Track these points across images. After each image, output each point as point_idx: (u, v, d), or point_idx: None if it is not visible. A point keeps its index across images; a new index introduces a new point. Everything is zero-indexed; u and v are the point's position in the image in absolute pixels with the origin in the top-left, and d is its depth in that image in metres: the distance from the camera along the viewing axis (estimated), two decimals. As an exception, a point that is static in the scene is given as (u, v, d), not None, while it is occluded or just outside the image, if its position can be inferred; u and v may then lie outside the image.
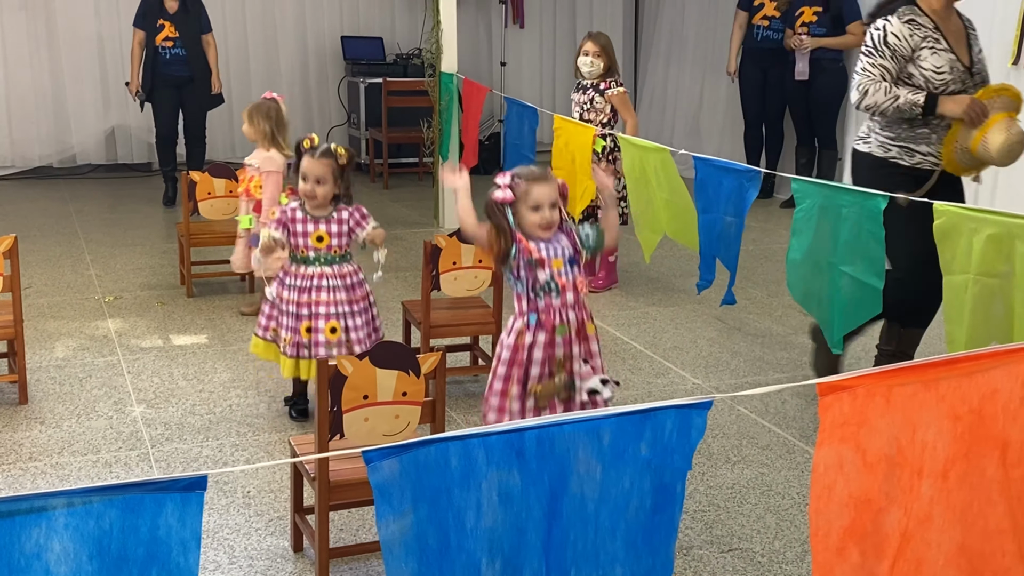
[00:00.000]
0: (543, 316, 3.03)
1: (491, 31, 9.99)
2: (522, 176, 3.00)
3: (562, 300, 3.03)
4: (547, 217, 2.98)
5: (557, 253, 3.04)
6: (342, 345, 3.86)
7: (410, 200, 8.25)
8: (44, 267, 6.07)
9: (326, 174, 3.81)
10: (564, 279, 3.03)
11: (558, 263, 3.03)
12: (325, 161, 3.82)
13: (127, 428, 3.95)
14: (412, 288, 5.81)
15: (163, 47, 7.49)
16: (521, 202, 2.99)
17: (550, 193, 3.00)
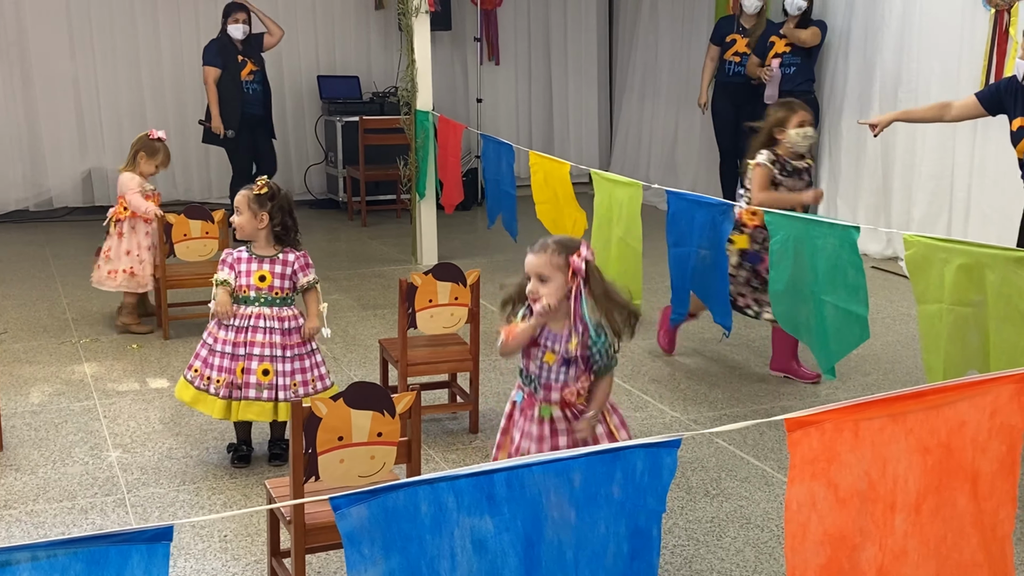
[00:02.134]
0: (527, 398, 3.00)
1: (467, 68, 10.05)
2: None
3: (544, 397, 2.95)
4: (531, 289, 2.89)
5: (555, 348, 2.91)
6: (273, 389, 3.85)
7: (388, 237, 8.25)
8: (20, 311, 6.03)
9: (241, 204, 3.91)
10: (551, 379, 2.92)
11: (550, 357, 2.91)
12: (243, 192, 3.94)
13: (103, 473, 3.92)
14: (390, 326, 5.80)
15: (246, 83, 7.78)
16: None
17: (535, 264, 2.89)
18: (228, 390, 3.86)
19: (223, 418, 3.91)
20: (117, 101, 8.96)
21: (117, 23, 8.88)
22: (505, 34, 10.07)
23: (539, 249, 2.92)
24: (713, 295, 4.06)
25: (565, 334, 2.92)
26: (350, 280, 6.87)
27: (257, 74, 7.81)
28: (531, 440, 2.96)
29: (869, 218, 7.33)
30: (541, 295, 2.89)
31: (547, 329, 2.94)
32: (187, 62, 9.08)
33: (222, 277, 3.92)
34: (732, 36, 7.97)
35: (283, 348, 3.88)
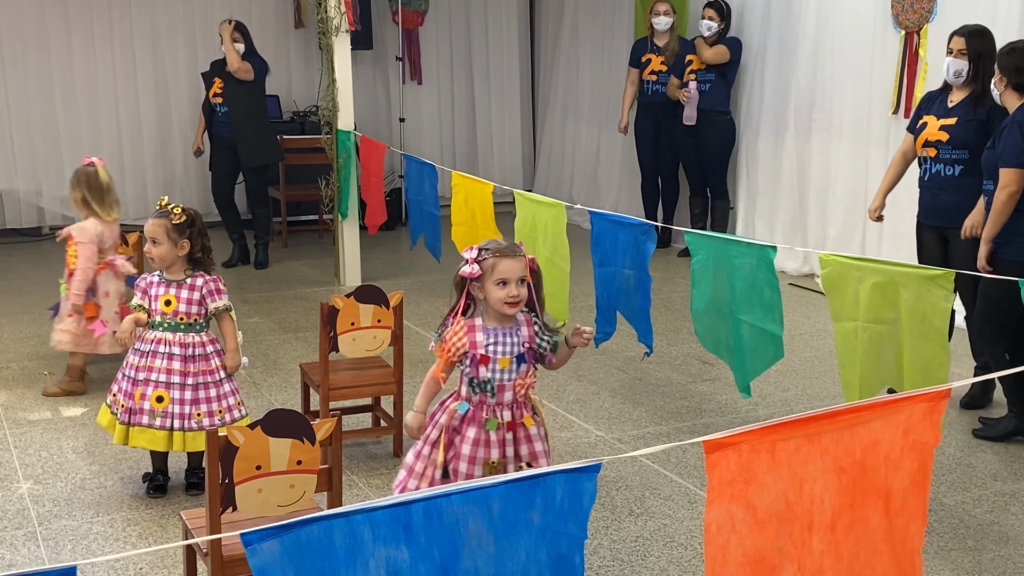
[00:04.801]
0: (474, 409, 2.98)
1: (389, 87, 10.01)
2: (490, 250, 2.94)
3: (498, 399, 2.97)
4: (514, 293, 2.90)
5: (506, 350, 2.96)
6: (168, 416, 3.77)
7: (310, 258, 8.16)
8: (-75, 339, 5.83)
9: (159, 234, 3.81)
10: (504, 379, 2.96)
11: (504, 362, 2.95)
12: (159, 221, 3.83)
13: (13, 506, 3.79)
14: (312, 349, 5.73)
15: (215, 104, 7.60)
16: (487, 276, 2.92)
17: (518, 268, 2.92)
18: (127, 415, 3.78)
19: (121, 443, 3.82)
20: (28, 121, 8.73)
21: (29, 43, 8.66)
22: (427, 54, 10.06)
23: (514, 252, 2.95)
24: (637, 314, 4.09)
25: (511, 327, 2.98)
26: (271, 303, 6.77)
27: (227, 95, 7.45)
28: (481, 446, 2.96)
29: (786, 236, 7.46)
30: (523, 297, 2.94)
31: (492, 333, 2.96)
32: (101, 81, 8.91)
33: (135, 303, 3.85)
34: (647, 56, 8.08)
35: (183, 375, 3.78)
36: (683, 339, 5.89)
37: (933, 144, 4.63)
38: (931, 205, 4.73)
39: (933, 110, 4.69)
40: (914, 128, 4.77)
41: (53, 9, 8.66)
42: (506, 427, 2.99)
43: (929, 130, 4.64)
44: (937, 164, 4.66)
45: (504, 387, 2.97)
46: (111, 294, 4.99)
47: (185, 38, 9.19)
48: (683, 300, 6.54)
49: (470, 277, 2.96)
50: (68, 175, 8.87)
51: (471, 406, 2.99)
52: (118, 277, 5.03)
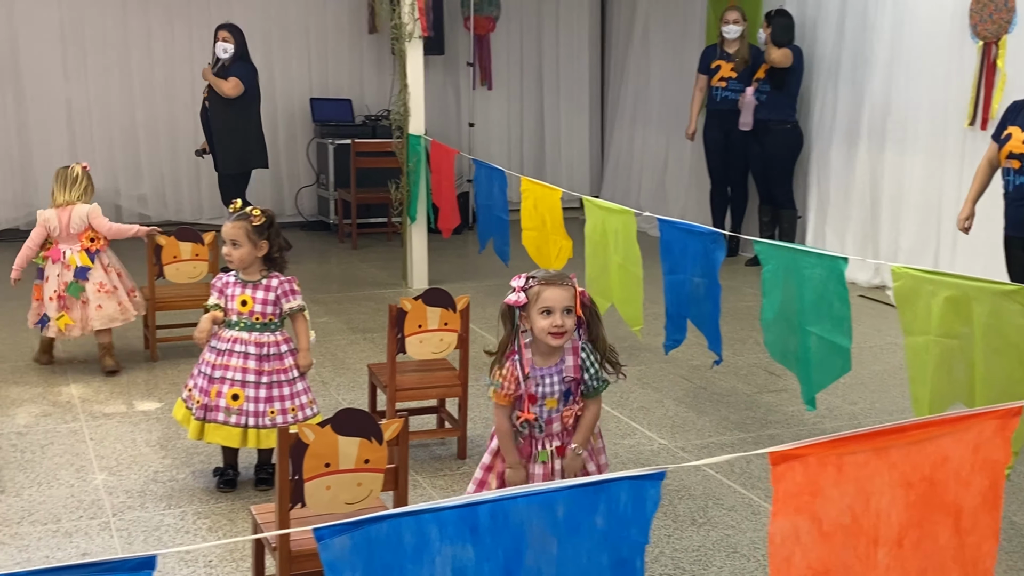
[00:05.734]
0: (522, 443, 3.00)
1: (459, 92, 10.10)
2: (536, 277, 2.93)
3: (547, 432, 2.98)
4: (558, 323, 2.88)
5: (553, 389, 2.96)
6: (243, 414, 3.85)
7: (378, 260, 8.26)
8: (9, 331, 6.01)
9: (240, 236, 3.87)
10: (553, 415, 2.97)
11: (552, 402, 2.96)
12: (239, 223, 3.88)
13: (88, 496, 3.90)
14: (379, 349, 5.80)
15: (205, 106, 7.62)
16: (532, 304, 2.91)
17: (564, 297, 2.89)
18: (202, 411, 3.87)
19: (196, 439, 3.91)
20: (109, 122, 8.98)
21: (110, 44, 8.90)
22: (498, 59, 10.13)
23: (562, 282, 2.93)
24: (706, 323, 4.08)
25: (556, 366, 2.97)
26: (340, 303, 6.87)
27: (211, 101, 7.53)
28: (536, 480, 3.00)
29: (857, 247, 7.37)
30: (568, 328, 2.91)
31: (536, 372, 2.96)
32: (179, 82, 9.12)
33: (212, 302, 3.94)
34: (717, 62, 8.04)
35: (257, 374, 3.86)
36: (749, 349, 5.85)
37: (1017, 156, 4.54)
38: (1016, 217, 4.65)
39: (1019, 121, 4.60)
40: (999, 137, 4.68)
41: (135, 12, 8.89)
42: (556, 453, 3.01)
43: (1013, 142, 4.55)
44: (1021, 177, 4.57)
45: (552, 420, 3.00)
46: (51, 279, 5.24)
47: (262, 42, 9.35)
48: (750, 309, 6.50)
49: (516, 305, 2.97)
50: (145, 174, 9.17)
51: (521, 439, 3.01)
52: (64, 266, 5.24)
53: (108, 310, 5.30)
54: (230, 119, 7.51)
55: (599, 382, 3.02)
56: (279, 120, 9.54)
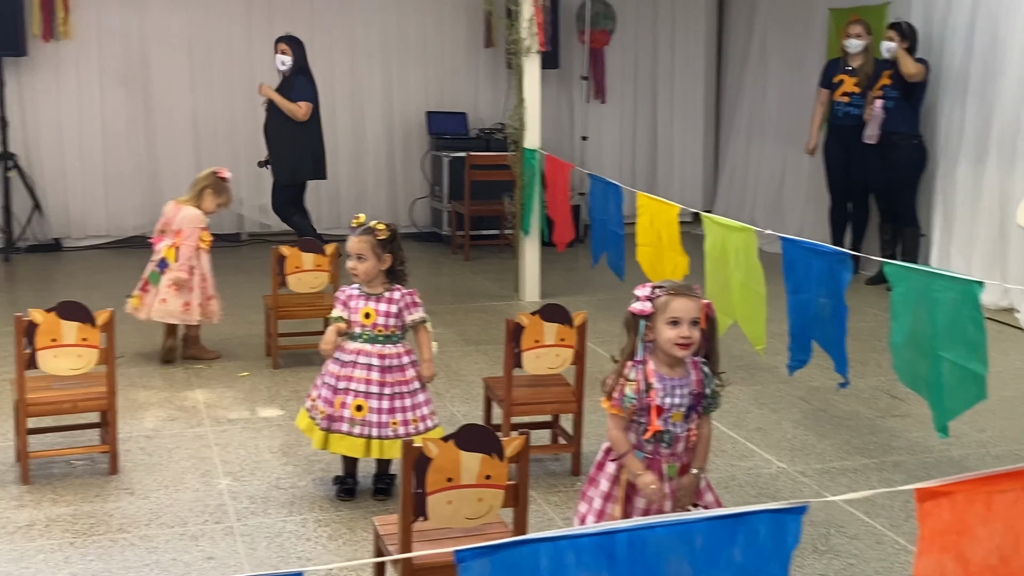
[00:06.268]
0: (649, 459, 2.96)
1: (572, 106, 10.11)
2: (664, 287, 2.92)
3: (672, 450, 2.96)
4: (685, 334, 2.86)
5: (681, 401, 2.93)
6: (367, 425, 3.89)
7: (491, 272, 8.31)
8: (136, 336, 6.22)
9: (365, 250, 3.92)
10: (679, 431, 2.95)
11: (678, 416, 2.93)
12: (365, 238, 3.94)
13: (213, 501, 4.01)
14: (493, 362, 5.83)
15: None
16: (659, 315, 2.90)
17: (692, 309, 2.88)
18: (327, 422, 3.93)
19: (320, 448, 3.98)
20: (233, 134, 9.24)
21: (235, 57, 9.17)
22: (612, 73, 10.12)
23: (691, 293, 2.92)
24: (832, 344, 3.99)
25: (683, 379, 2.94)
26: (453, 315, 6.93)
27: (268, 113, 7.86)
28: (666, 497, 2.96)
29: (985, 269, 7.11)
30: (694, 340, 2.89)
31: (664, 381, 2.93)
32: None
33: (336, 314, 4.00)
34: (840, 77, 7.87)
35: (380, 385, 3.91)
36: (871, 371, 5.70)
37: None
38: None
39: None
40: None
41: (259, 26, 9.15)
42: (678, 472, 2.98)
43: None
44: None
45: (679, 438, 2.96)
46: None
47: (381, 56, 9.55)
48: (871, 330, 6.33)
49: (641, 314, 2.95)
50: (267, 185, 9.40)
51: (646, 455, 2.98)
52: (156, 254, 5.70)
53: (170, 307, 5.61)
54: (285, 131, 7.76)
55: (717, 398, 3.00)
56: (395, 132, 9.71)
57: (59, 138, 8.88)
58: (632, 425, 2.98)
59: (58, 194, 8.91)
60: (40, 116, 8.81)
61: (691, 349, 2.92)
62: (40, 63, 8.72)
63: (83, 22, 8.76)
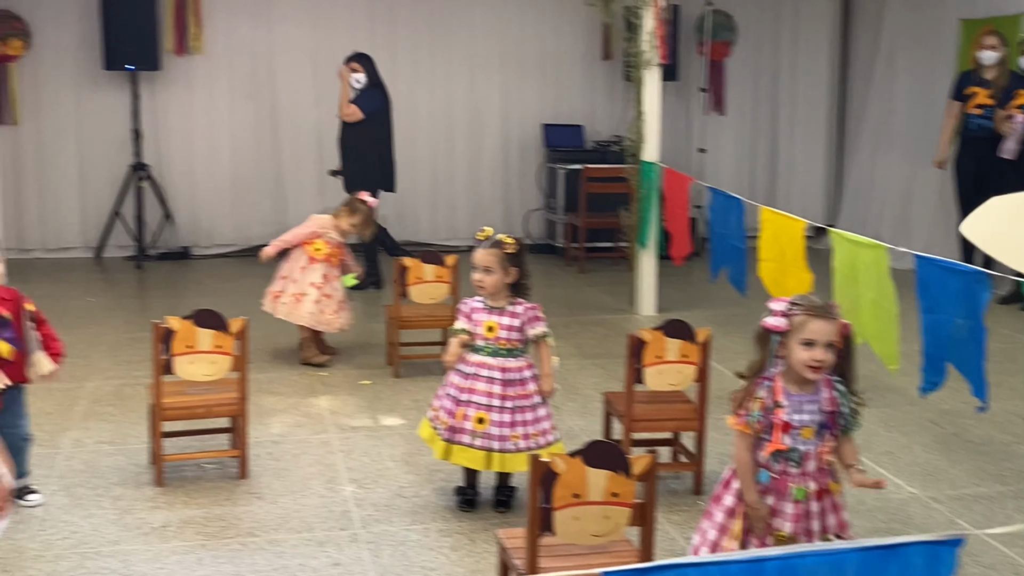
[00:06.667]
0: (776, 478, 2.90)
1: (690, 118, 10.03)
2: (802, 306, 2.86)
3: (802, 469, 2.89)
4: (819, 357, 2.80)
5: (811, 418, 2.86)
6: (488, 438, 3.90)
7: (606, 285, 8.29)
8: (263, 342, 6.38)
9: (493, 263, 3.93)
10: (809, 448, 2.88)
11: (808, 432, 2.86)
12: (493, 251, 3.95)
13: (338, 507, 4.08)
14: (609, 376, 5.80)
15: None
16: (793, 333, 2.84)
17: (829, 331, 2.81)
18: (449, 433, 3.97)
19: (442, 459, 4.02)
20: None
21: (358, 71, 9.36)
22: (732, 84, 10.01)
23: (829, 314, 2.84)
24: (970, 367, 3.85)
25: (812, 395, 2.87)
26: (568, 327, 6.92)
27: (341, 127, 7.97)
28: (786, 519, 2.89)
29: None
30: (828, 363, 2.83)
31: (795, 400, 2.87)
32: (421, 108, 9.48)
33: (459, 326, 4.04)
34: (972, 89, 7.61)
35: (502, 399, 3.93)
36: (1005, 395, 5.48)
37: None
38: None
39: None
40: None
41: (383, 39, 9.33)
42: (814, 495, 2.91)
43: None
44: None
45: (808, 456, 2.89)
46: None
47: (499, 69, 9.63)
48: (1005, 352, 6.10)
49: (775, 330, 2.89)
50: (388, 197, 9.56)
51: (772, 475, 2.92)
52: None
53: (303, 309, 5.82)
54: (353, 141, 7.86)
55: (856, 416, 2.92)
56: (512, 145, 9.78)
57: (189, 149, 9.20)
58: (760, 443, 2.93)
59: (187, 204, 9.23)
60: (172, 128, 9.15)
61: (823, 372, 2.86)
62: (173, 77, 9.05)
63: (214, 37, 9.07)
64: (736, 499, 3.00)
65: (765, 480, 2.91)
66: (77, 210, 9.07)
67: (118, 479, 4.30)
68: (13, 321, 3.85)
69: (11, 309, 3.86)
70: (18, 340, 3.86)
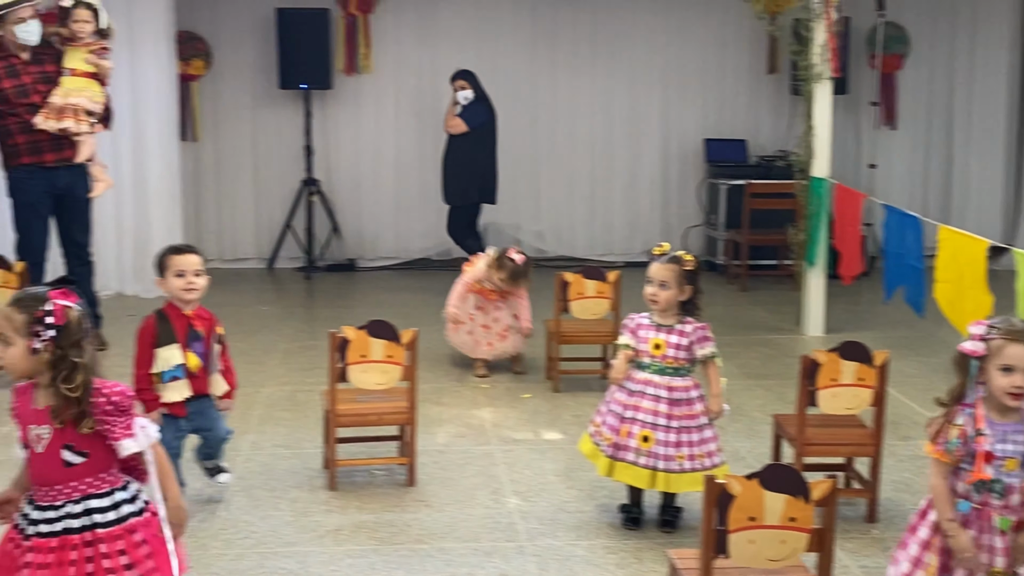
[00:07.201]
0: (977, 509, 2.78)
1: (859, 133, 9.72)
2: (1000, 328, 2.73)
3: (1005, 502, 2.75)
4: (1019, 384, 2.68)
5: (1013, 448, 2.73)
6: (652, 457, 3.85)
7: (770, 303, 8.10)
8: (426, 354, 6.48)
9: (670, 279, 3.89)
10: (1014, 481, 2.74)
11: (1013, 464, 2.72)
12: (671, 266, 3.91)
13: (504, 519, 4.12)
14: (776, 397, 5.67)
15: None
16: (991, 359, 2.72)
17: None
18: (612, 449, 3.94)
19: (606, 475, 3.99)
20: (514, 161, 9.52)
21: (520, 90, 9.45)
22: (904, 98, 9.66)
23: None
24: None
25: (1018, 424, 2.74)
26: (731, 347, 6.77)
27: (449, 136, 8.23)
28: (996, 554, 2.76)
29: None
30: None
31: (998, 429, 2.74)
32: (579, 126, 9.51)
33: (623, 341, 4.01)
34: None
35: (668, 418, 3.88)
36: None
37: None
38: None
39: None
40: None
41: (543, 60, 9.42)
42: (1014, 528, 2.76)
43: None
44: None
45: (1012, 489, 2.74)
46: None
47: (660, 83, 9.57)
48: None
49: (972, 355, 2.75)
50: (544, 212, 9.62)
51: (973, 505, 2.78)
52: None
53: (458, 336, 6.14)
54: (456, 154, 8.06)
55: None
56: (671, 159, 9.69)
57: (356, 165, 9.48)
58: (958, 472, 2.80)
59: (354, 217, 9.50)
60: (340, 144, 9.44)
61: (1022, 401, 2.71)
62: (343, 96, 9.35)
63: (382, 57, 9.32)
64: (931, 531, 2.87)
65: (965, 510, 2.78)
66: (252, 223, 9.46)
67: (293, 482, 4.45)
68: (205, 339, 4.05)
69: (205, 328, 4.07)
70: (205, 357, 4.06)
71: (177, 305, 3.99)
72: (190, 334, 3.99)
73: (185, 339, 3.98)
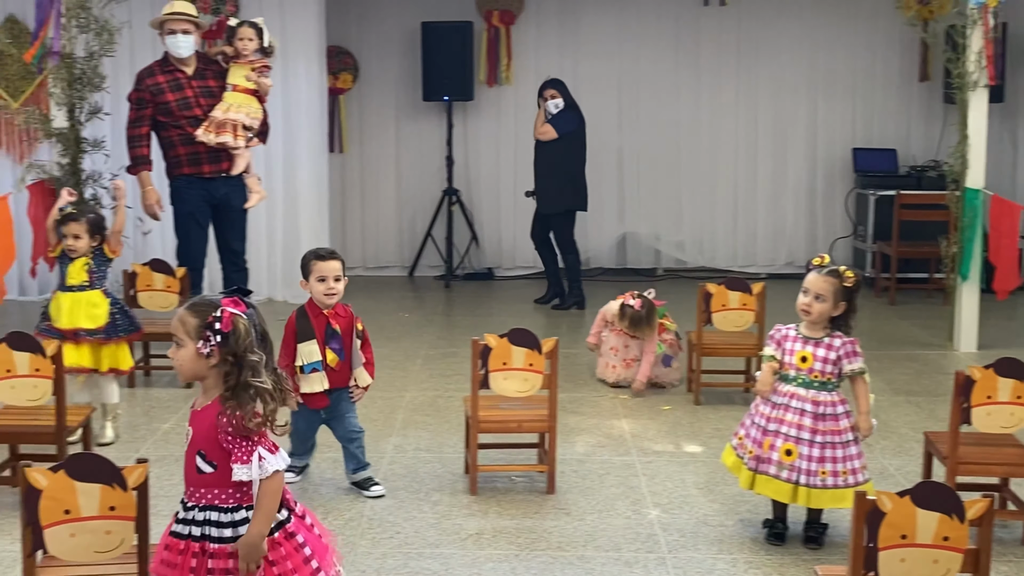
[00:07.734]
0: None
1: (1016, 142, 9.32)
2: None
3: None
4: None
5: None
6: (795, 471, 3.77)
7: (919, 318, 7.84)
8: (563, 363, 6.52)
9: (827, 292, 3.81)
10: None
11: None
12: (830, 279, 3.82)
13: (644, 530, 4.10)
14: (926, 415, 5.50)
15: None
16: None
17: None
18: (755, 462, 3.89)
19: (747, 488, 3.94)
20: (655, 170, 9.49)
21: (662, 96, 9.41)
22: (1065, 106, 9.21)
23: None
24: None
25: None
26: (879, 361, 6.59)
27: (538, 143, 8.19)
28: None
29: None
30: None
31: None
32: (723, 134, 9.41)
33: (769, 353, 3.96)
34: None
35: (812, 432, 3.80)
36: None
37: None
38: None
39: None
40: None
41: (686, 63, 9.37)
42: None
43: None
44: None
45: None
46: None
47: (807, 91, 9.39)
48: None
49: None
50: (685, 222, 9.55)
51: None
52: None
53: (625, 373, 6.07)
54: (547, 161, 8.03)
55: None
56: (818, 169, 9.50)
57: (495, 175, 9.59)
58: None
59: (493, 227, 9.62)
60: (481, 155, 9.58)
61: None
62: (483, 107, 9.49)
63: (523, 69, 9.42)
64: None
65: None
66: (395, 231, 9.69)
67: (436, 485, 4.54)
68: (343, 335, 4.26)
69: (343, 325, 4.31)
70: (344, 352, 4.29)
71: (317, 304, 4.26)
72: (328, 331, 4.27)
73: (323, 336, 4.26)
